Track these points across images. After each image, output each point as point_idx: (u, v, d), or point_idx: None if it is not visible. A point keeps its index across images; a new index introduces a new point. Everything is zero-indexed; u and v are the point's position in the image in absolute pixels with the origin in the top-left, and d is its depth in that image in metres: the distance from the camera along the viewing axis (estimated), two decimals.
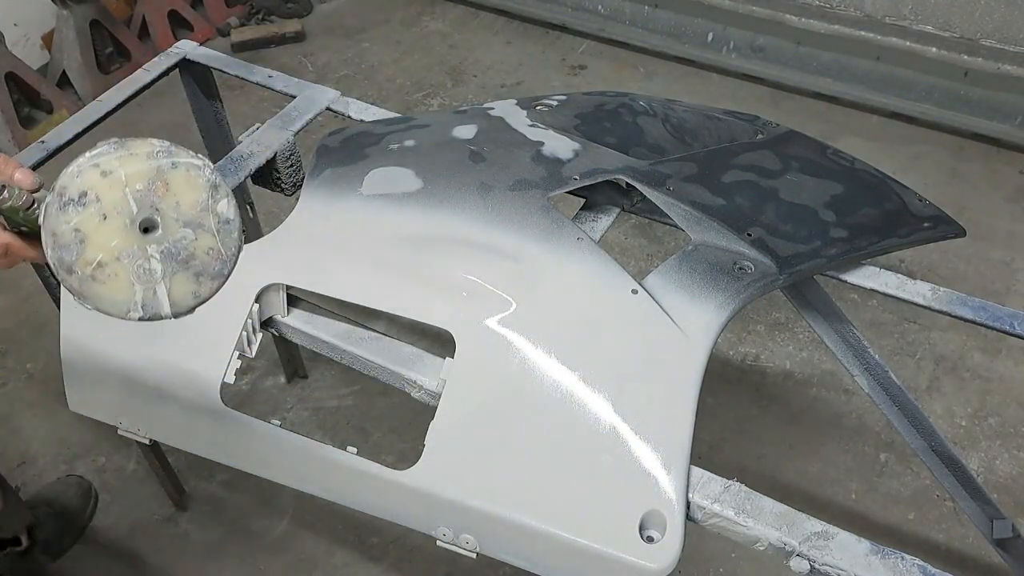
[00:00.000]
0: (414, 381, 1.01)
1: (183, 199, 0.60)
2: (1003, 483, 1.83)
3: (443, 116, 1.25)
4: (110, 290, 0.60)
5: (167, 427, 1.07)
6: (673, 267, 1.02)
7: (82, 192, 0.59)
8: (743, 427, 1.93)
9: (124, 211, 0.59)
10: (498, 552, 0.92)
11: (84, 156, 0.60)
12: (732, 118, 1.34)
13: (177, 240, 0.60)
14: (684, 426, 0.91)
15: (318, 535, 1.77)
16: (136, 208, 0.59)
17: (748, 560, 1.70)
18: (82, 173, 0.60)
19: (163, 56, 1.44)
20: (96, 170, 0.59)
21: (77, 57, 2.72)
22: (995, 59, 2.48)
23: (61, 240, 0.59)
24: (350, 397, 2.01)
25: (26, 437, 1.94)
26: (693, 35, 2.89)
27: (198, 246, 0.61)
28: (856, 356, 1.26)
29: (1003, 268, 2.27)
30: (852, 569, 0.84)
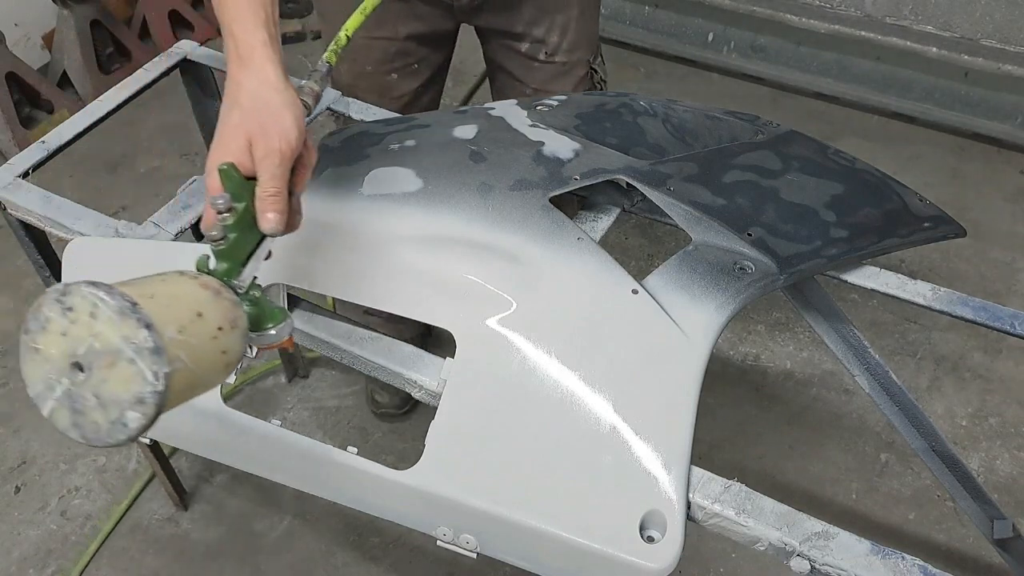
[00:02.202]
0: (414, 381, 1.00)
1: (111, 382, 0.66)
2: (1003, 483, 1.83)
3: (443, 116, 1.25)
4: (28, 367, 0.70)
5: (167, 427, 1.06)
6: (673, 267, 1.02)
7: (71, 307, 0.67)
8: (743, 427, 1.93)
9: (74, 346, 0.66)
10: (498, 552, 0.92)
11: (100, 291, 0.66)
12: (732, 118, 1.34)
13: (82, 396, 0.67)
14: (685, 426, 0.91)
15: (319, 535, 1.77)
16: (82, 354, 0.66)
17: (748, 560, 1.70)
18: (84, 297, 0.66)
19: (164, 56, 1.44)
20: (91, 307, 0.66)
21: (78, 57, 2.72)
22: (996, 59, 2.48)
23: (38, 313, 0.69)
24: (350, 397, 2.02)
25: (26, 437, 1.94)
26: (693, 35, 2.89)
27: (90, 414, 0.67)
28: (856, 356, 1.26)
29: (1004, 268, 2.27)
30: (853, 569, 0.84)
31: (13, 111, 2.56)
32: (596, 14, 1.50)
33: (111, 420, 0.66)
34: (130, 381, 0.65)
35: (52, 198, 1.19)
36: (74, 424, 0.68)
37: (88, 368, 0.66)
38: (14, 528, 1.79)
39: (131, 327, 0.65)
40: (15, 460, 1.90)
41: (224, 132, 0.85)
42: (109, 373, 0.66)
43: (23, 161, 1.24)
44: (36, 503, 1.83)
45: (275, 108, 0.85)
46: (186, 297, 0.74)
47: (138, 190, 2.50)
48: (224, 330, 0.74)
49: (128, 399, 0.65)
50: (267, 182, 0.83)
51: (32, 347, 0.69)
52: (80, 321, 0.66)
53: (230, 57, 0.90)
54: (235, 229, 0.81)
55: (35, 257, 1.30)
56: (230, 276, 0.81)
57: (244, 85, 0.87)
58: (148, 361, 0.65)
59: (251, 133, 0.83)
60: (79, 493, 1.84)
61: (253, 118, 0.84)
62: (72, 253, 1.08)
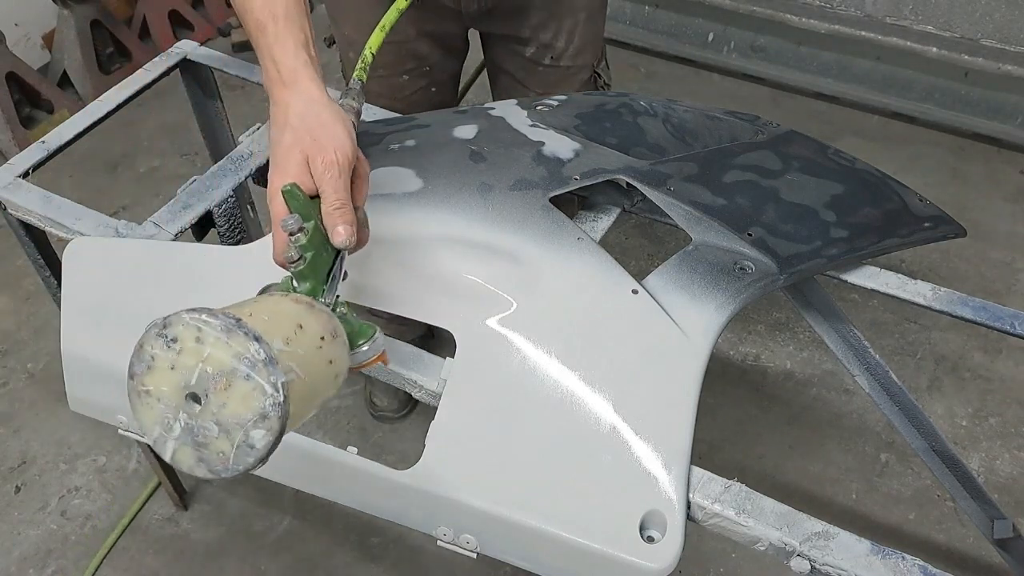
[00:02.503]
0: (414, 381, 1.00)
1: (231, 405, 0.65)
2: (1004, 483, 1.83)
3: (444, 116, 1.25)
4: (142, 411, 0.68)
5: None
6: (674, 267, 1.02)
7: (175, 338, 0.66)
8: (743, 427, 1.93)
9: (185, 376, 0.65)
10: (498, 552, 0.92)
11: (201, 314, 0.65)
12: (732, 118, 1.34)
13: (203, 427, 0.66)
14: (685, 426, 0.91)
15: (319, 535, 1.77)
16: (194, 382, 0.65)
17: (748, 560, 1.70)
18: (187, 325, 0.65)
19: (164, 56, 1.44)
20: (196, 332, 0.65)
21: (78, 57, 2.72)
22: (996, 59, 2.47)
23: (141, 354, 0.67)
24: (350, 397, 2.02)
25: (26, 437, 1.94)
26: (693, 35, 2.89)
27: (214, 444, 0.66)
28: (856, 356, 1.26)
29: (1004, 268, 2.27)
30: (853, 569, 0.84)
31: (13, 111, 2.56)
32: (602, 19, 1.50)
33: (236, 444, 0.65)
34: (249, 398, 0.64)
35: (52, 198, 1.19)
36: (199, 460, 0.67)
37: (204, 396, 0.65)
38: (14, 528, 1.79)
39: (240, 342, 0.64)
40: (15, 460, 1.90)
41: (279, 154, 0.86)
42: (226, 395, 0.65)
43: (23, 161, 1.24)
44: (36, 503, 1.83)
45: (326, 122, 0.86)
46: (283, 312, 0.73)
47: (138, 190, 2.50)
48: (327, 340, 0.74)
49: (251, 417, 0.65)
50: (331, 195, 0.83)
51: (141, 390, 0.68)
52: (186, 350, 0.65)
53: (272, 80, 0.90)
54: (310, 248, 0.82)
55: (35, 257, 1.30)
56: (316, 295, 0.82)
57: (292, 106, 0.88)
58: (264, 373, 0.64)
59: (307, 150, 0.84)
60: (79, 493, 1.84)
61: (306, 135, 0.85)
62: (72, 253, 1.08)
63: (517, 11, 1.39)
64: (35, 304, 2.17)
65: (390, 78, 1.46)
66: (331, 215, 0.83)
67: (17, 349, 2.10)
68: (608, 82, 1.57)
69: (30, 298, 2.18)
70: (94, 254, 1.08)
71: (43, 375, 2.05)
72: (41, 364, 2.07)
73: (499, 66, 1.53)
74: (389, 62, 1.44)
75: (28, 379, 2.05)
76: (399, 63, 1.45)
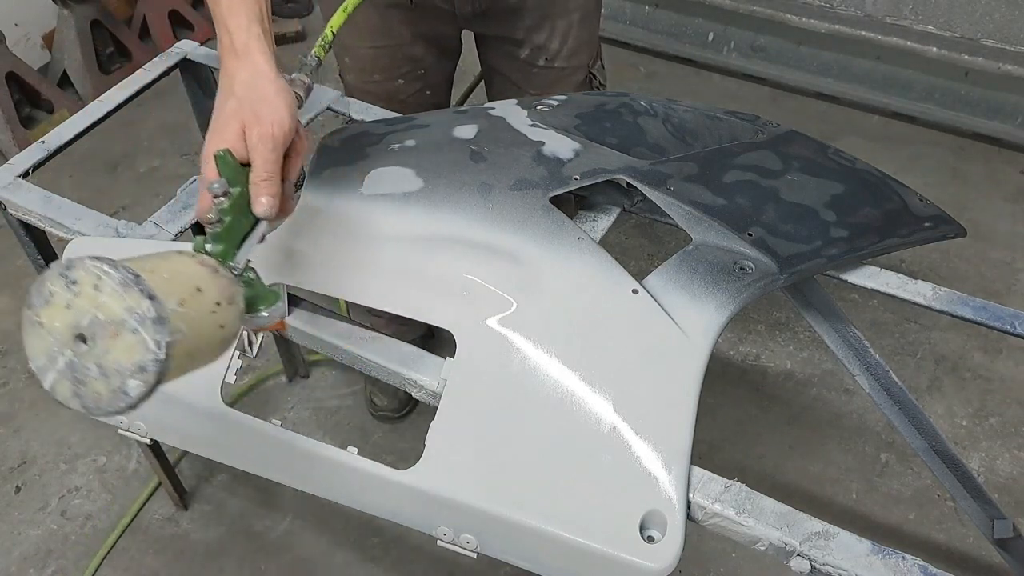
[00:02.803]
0: (415, 381, 1.00)
1: (114, 352, 0.67)
2: (1004, 483, 1.83)
3: (444, 116, 1.25)
4: (31, 340, 0.71)
5: (168, 427, 1.06)
6: (674, 267, 1.02)
7: (75, 280, 0.68)
8: (743, 427, 1.93)
9: (78, 317, 0.68)
10: (498, 552, 0.92)
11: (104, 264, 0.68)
12: (733, 118, 1.34)
13: (84, 367, 0.69)
14: (685, 426, 0.91)
15: (319, 535, 1.77)
16: (86, 325, 0.68)
17: (748, 560, 1.70)
18: (89, 271, 0.68)
19: (164, 56, 1.44)
20: (95, 279, 0.68)
21: (78, 57, 2.72)
22: (996, 59, 2.47)
23: (42, 287, 0.70)
24: (350, 397, 2.02)
25: (26, 437, 1.94)
26: (693, 35, 2.89)
27: (92, 384, 0.69)
28: (857, 356, 1.26)
29: (1004, 268, 2.27)
30: (853, 569, 0.84)
31: (13, 111, 2.56)
32: (597, 19, 1.50)
33: (112, 389, 0.68)
34: (132, 350, 0.67)
35: (52, 198, 1.19)
36: (75, 394, 0.70)
37: (91, 339, 0.68)
38: (14, 528, 1.79)
39: (135, 298, 0.67)
40: (15, 460, 1.90)
41: (219, 120, 0.88)
42: (112, 343, 0.67)
43: (23, 161, 1.24)
44: (36, 503, 1.83)
45: (268, 96, 0.88)
46: (186, 273, 0.76)
47: (138, 190, 2.50)
48: (222, 305, 0.76)
49: (130, 368, 0.67)
50: (260, 167, 0.86)
51: (35, 321, 0.71)
52: (84, 294, 0.68)
53: (224, 50, 0.92)
54: (230, 213, 0.84)
55: (35, 257, 1.31)
56: (226, 258, 0.84)
57: (238, 76, 0.90)
58: (151, 331, 0.67)
59: (245, 120, 0.86)
60: (79, 493, 1.84)
61: (247, 106, 0.87)
62: (72, 253, 1.08)
63: (511, 12, 1.39)
64: None
65: (386, 82, 1.46)
66: (257, 185, 0.85)
67: (17, 349, 2.10)
68: (604, 82, 1.57)
69: None
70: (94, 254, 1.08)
71: None
72: None
73: (494, 68, 1.53)
74: (384, 66, 1.45)
75: (28, 379, 2.05)
76: (394, 67, 1.45)
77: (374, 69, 1.45)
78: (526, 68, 1.47)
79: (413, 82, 1.48)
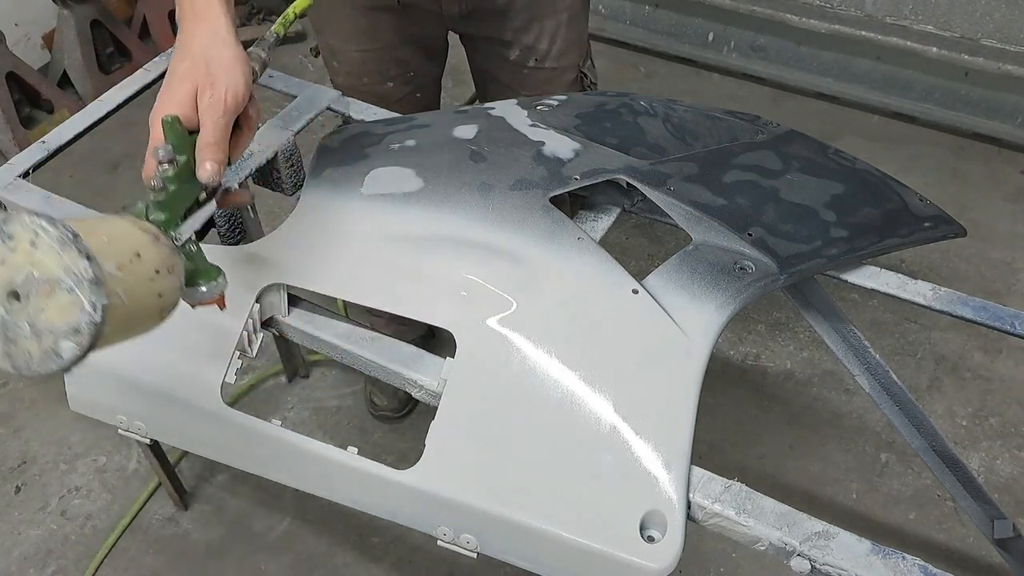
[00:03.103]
0: (415, 381, 1.00)
1: (48, 311, 0.65)
2: (1004, 483, 1.83)
3: (444, 116, 1.25)
4: None
5: (168, 427, 1.07)
6: (674, 267, 1.02)
7: (11, 235, 0.66)
8: (743, 427, 1.93)
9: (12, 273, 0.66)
10: (499, 552, 0.92)
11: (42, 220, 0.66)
12: (733, 118, 1.34)
13: (16, 325, 0.66)
14: (685, 426, 0.91)
15: (319, 535, 1.77)
16: (20, 283, 0.65)
17: (749, 560, 1.70)
18: (26, 227, 0.66)
19: (164, 56, 1.44)
20: (32, 235, 0.65)
21: (78, 57, 2.72)
22: (996, 59, 2.47)
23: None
24: (350, 397, 2.01)
25: (26, 437, 1.94)
26: (694, 35, 2.89)
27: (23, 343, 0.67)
28: (857, 356, 1.26)
29: (1004, 268, 2.27)
30: (853, 569, 0.84)
31: (13, 111, 2.56)
32: (585, 18, 1.50)
33: (44, 349, 0.66)
34: (67, 311, 0.65)
35: (52, 198, 1.19)
36: (5, 353, 0.68)
37: (25, 297, 0.66)
38: (14, 528, 1.79)
39: (72, 257, 0.65)
40: (15, 460, 1.90)
41: (172, 80, 0.86)
42: (46, 302, 0.65)
43: (23, 161, 1.24)
44: (36, 503, 1.83)
45: (225, 60, 0.87)
46: (126, 237, 0.74)
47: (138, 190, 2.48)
48: (161, 273, 0.74)
49: (64, 329, 0.65)
50: (209, 131, 0.84)
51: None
52: (20, 249, 0.66)
53: (184, 12, 0.90)
54: (174, 181, 0.83)
55: None
56: (168, 227, 0.82)
57: (197, 38, 0.88)
58: (87, 292, 0.65)
59: (198, 82, 0.85)
60: (79, 493, 1.84)
61: (202, 68, 0.86)
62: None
63: (498, 13, 1.39)
64: None
65: (375, 85, 1.46)
66: (203, 149, 0.84)
67: None
68: (595, 81, 1.57)
69: None
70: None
71: None
72: None
73: (484, 70, 1.53)
74: (373, 70, 1.44)
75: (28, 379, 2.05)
76: (383, 71, 1.45)
77: (363, 72, 1.45)
78: (516, 69, 1.47)
79: (403, 85, 1.48)
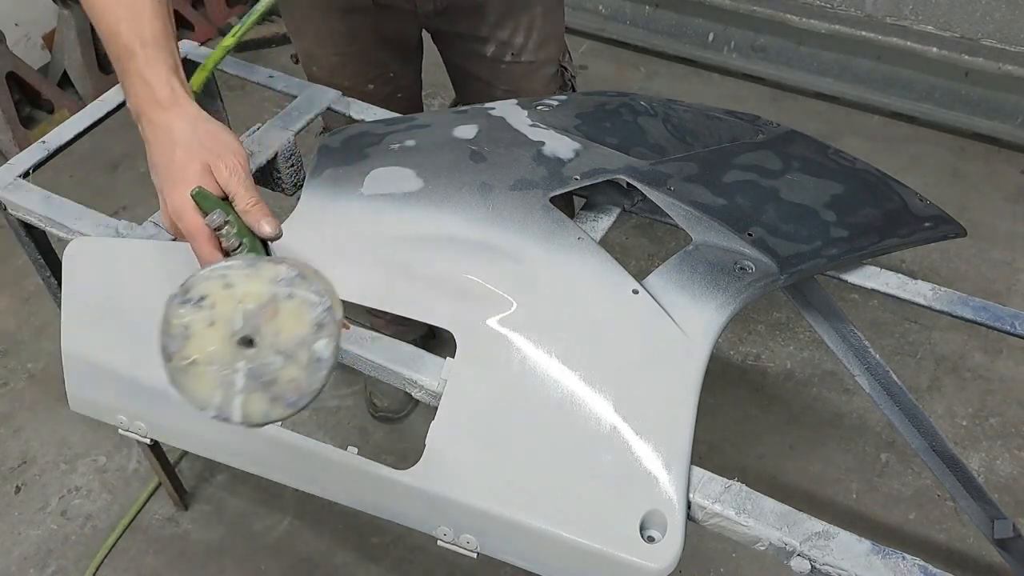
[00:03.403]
0: (415, 381, 1.00)
1: (285, 329, 0.64)
2: (1004, 483, 1.83)
3: (444, 116, 1.25)
4: (194, 385, 0.66)
5: (168, 427, 1.06)
6: (674, 267, 1.02)
7: (203, 296, 0.65)
8: (744, 427, 1.93)
9: (229, 324, 0.65)
10: (499, 552, 0.92)
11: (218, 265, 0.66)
12: (733, 118, 1.34)
13: (266, 363, 0.65)
14: (685, 426, 0.91)
15: (319, 535, 1.77)
16: (241, 324, 0.64)
17: (749, 560, 1.70)
18: (209, 279, 0.65)
19: None
20: (221, 281, 0.65)
21: (78, 57, 2.72)
22: (996, 59, 2.47)
23: (171, 330, 0.65)
24: (350, 397, 2.01)
25: (26, 437, 1.94)
26: (694, 35, 2.89)
27: (283, 374, 0.65)
28: (857, 356, 1.26)
29: (1004, 268, 2.27)
30: (853, 569, 0.84)
31: (13, 111, 2.56)
32: (561, 12, 1.50)
33: (304, 365, 0.65)
34: (300, 314, 0.64)
35: (52, 198, 1.19)
36: (272, 399, 0.66)
37: (256, 332, 0.65)
38: (14, 528, 1.79)
39: (269, 269, 0.65)
40: (15, 460, 1.90)
41: (174, 170, 0.87)
42: (277, 323, 0.65)
43: (23, 161, 1.24)
44: (36, 503, 1.83)
45: (216, 133, 0.90)
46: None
47: (138, 190, 2.50)
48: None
49: (308, 332, 0.64)
50: (244, 195, 0.86)
51: (185, 364, 0.66)
52: (219, 300, 0.65)
53: (146, 103, 0.91)
54: (245, 233, 0.83)
55: (35, 257, 1.30)
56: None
57: (176, 125, 0.89)
58: (303, 287, 0.65)
59: (206, 160, 0.87)
60: (79, 493, 1.84)
61: (200, 148, 0.87)
62: (72, 253, 1.08)
63: (473, 10, 1.39)
64: (35, 304, 2.17)
65: (357, 88, 1.46)
66: (251, 212, 0.85)
67: (17, 349, 2.10)
68: (575, 74, 1.57)
69: (30, 298, 2.18)
70: (94, 254, 1.08)
71: (43, 375, 2.05)
72: (41, 364, 2.07)
73: (461, 68, 1.53)
74: (352, 73, 1.44)
75: (28, 379, 2.05)
76: (362, 73, 1.45)
77: (343, 76, 1.45)
78: (494, 65, 1.47)
79: (383, 86, 1.48)
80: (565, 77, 1.54)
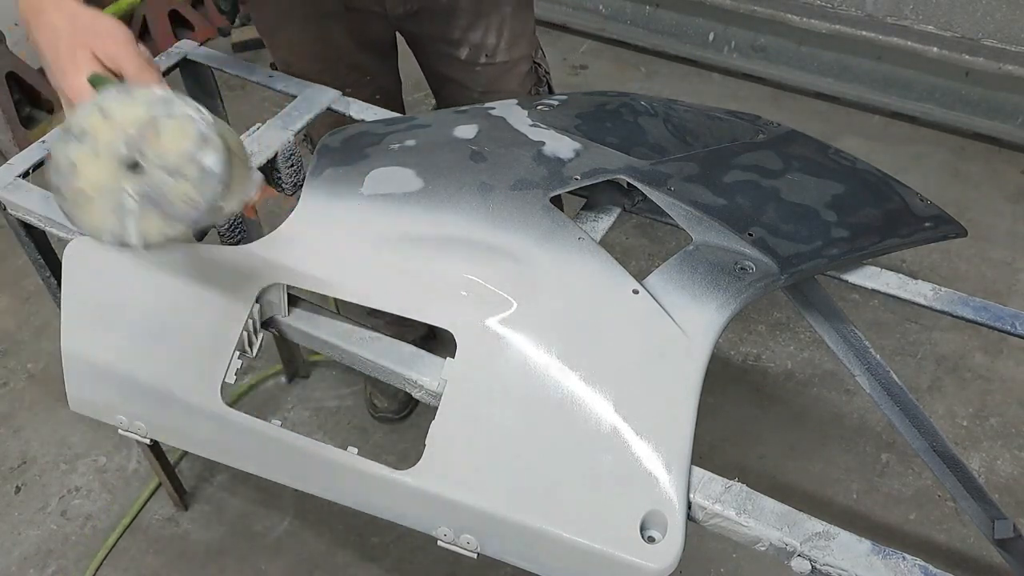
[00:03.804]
0: (415, 381, 1.00)
1: (170, 147, 0.65)
2: (1004, 483, 1.83)
3: (444, 116, 1.25)
4: (89, 216, 0.67)
5: (168, 427, 1.06)
6: (674, 267, 1.02)
7: (83, 130, 0.66)
8: (744, 427, 1.93)
9: (114, 151, 0.65)
10: (499, 552, 0.92)
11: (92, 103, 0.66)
12: (733, 118, 1.34)
13: (155, 183, 0.65)
14: (685, 426, 0.90)
15: (319, 535, 1.77)
16: (125, 150, 0.65)
17: (749, 560, 1.70)
18: (86, 113, 0.66)
19: (164, 56, 1.44)
20: (99, 112, 0.65)
21: None
22: (996, 59, 2.47)
23: (58, 167, 0.66)
24: (350, 397, 2.02)
25: (26, 437, 1.94)
26: (694, 35, 2.89)
27: (174, 191, 0.65)
28: (857, 356, 1.26)
29: (1004, 268, 2.27)
30: (853, 569, 0.84)
31: (13, 111, 2.56)
32: (531, 10, 1.50)
33: (195, 179, 0.65)
34: (183, 130, 0.64)
35: (52, 198, 1.18)
36: (167, 218, 0.66)
37: (140, 155, 0.65)
38: (14, 528, 1.79)
39: (143, 93, 0.65)
40: (15, 460, 1.90)
41: (63, 57, 0.86)
42: (160, 143, 0.65)
43: (23, 161, 1.24)
44: (36, 503, 1.83)
45: (95, 18, 0.88)
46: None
47: None
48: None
49: (192, 146, 0.64)
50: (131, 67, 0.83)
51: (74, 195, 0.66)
52: (100, 129, 0.65)
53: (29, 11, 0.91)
54: None
55: (35, 257, 1.30)
56: None
57: (56, 23, 0.88)
58: (180, 105, 0.65)
59: (90, 44, 0.85)
60: (79, 493, 1.84)
61: (83, 33, 0.86)
62: (72, 253, 1.07)
63: (444, 13, 1.39)
64: (35, 304, 2.17)
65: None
66: (140, 78, 0.83)
67: (17, 349, 2.10)
68: (548, 70, 1.57)
69: (30, 298, 2.18)
70: (94, 254, 1.08)
71: (43, 375, 2.05)
72: (41, 364, 2.07)
73: (437, 72, 1.53)
74: (329, 79, 1.43)
75: (28, 379, 2.05)
76: (340, 77, 1.44)
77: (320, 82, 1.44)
78: (469, 67, 1.47)
79: (362, 89, 1.48)
80: (539, 73, 1.55)
